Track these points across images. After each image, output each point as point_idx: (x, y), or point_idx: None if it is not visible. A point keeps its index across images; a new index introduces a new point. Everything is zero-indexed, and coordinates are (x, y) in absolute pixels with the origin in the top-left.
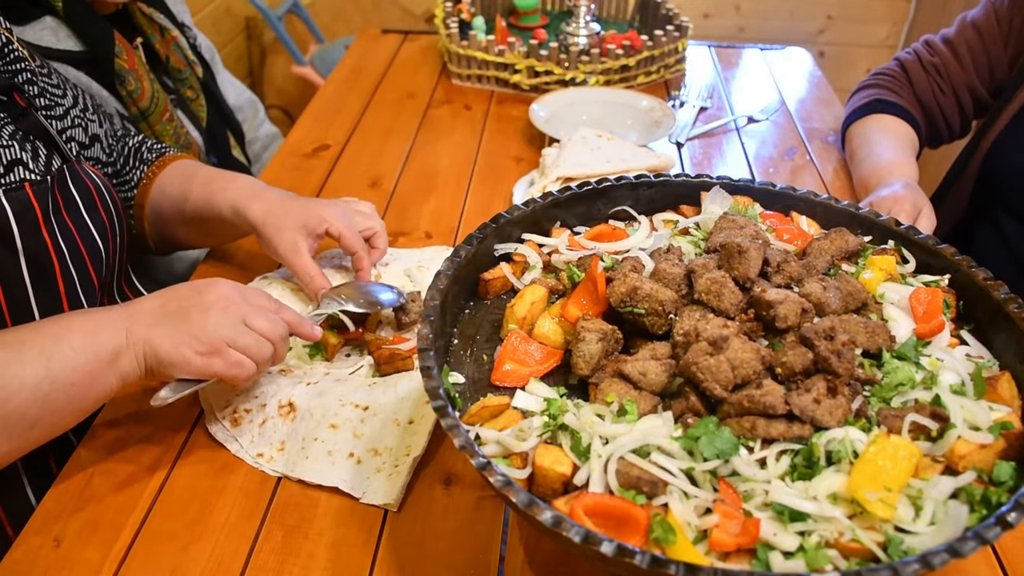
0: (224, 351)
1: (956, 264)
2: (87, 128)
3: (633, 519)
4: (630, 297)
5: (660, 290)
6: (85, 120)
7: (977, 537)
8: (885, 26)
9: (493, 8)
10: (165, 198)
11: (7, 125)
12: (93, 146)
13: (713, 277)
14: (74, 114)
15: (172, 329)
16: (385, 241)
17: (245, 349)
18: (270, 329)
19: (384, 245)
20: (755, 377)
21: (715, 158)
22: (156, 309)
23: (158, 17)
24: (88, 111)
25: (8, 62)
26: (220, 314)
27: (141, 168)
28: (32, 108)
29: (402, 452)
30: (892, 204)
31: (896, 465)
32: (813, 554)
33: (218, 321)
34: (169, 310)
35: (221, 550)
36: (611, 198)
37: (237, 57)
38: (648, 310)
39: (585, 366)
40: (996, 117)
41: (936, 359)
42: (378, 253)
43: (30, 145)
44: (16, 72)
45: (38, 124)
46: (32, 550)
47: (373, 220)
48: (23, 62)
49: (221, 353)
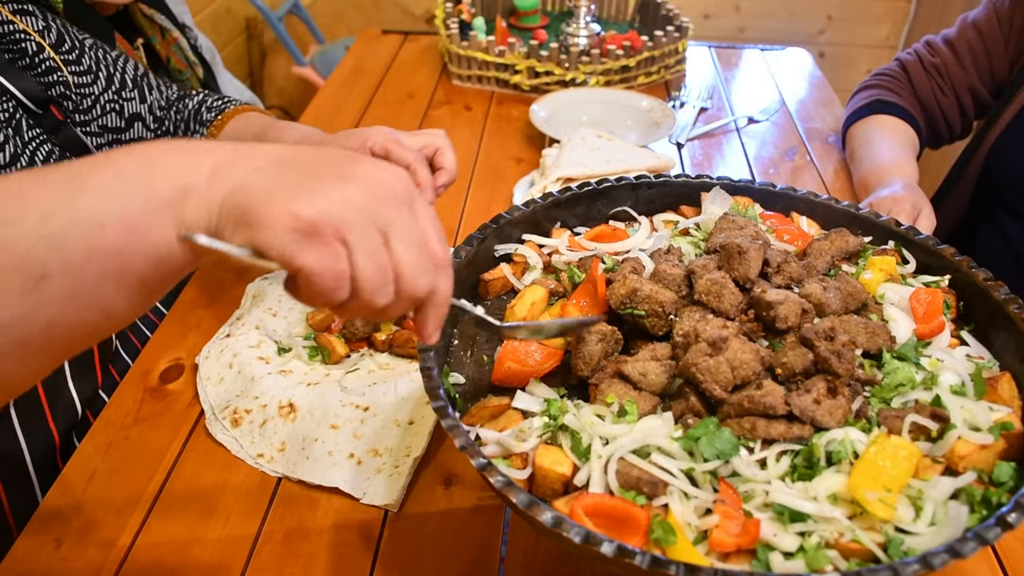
0: (331, 243)
1: (956, 264)
2: (123, 110)
3: (633, 520)
4: (630, 299)
5: (660, 291)
6: (121, 101)
7: (977, 538)
8: (885, 26)
9: (493, 9)
10: None
11: (42, 145)
12: (132, 127)
13: (713, 278)
14: (105, 99)
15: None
16: (453, 161)
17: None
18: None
19: (452, 165)
20: (755, 378)
21: (715, 159)
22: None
23: (159, 18)
24: (127, 88)
25: (40, 73)
26: (362, 193)
27: (200, 131)
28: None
29: (402, 453)
30: (892, 204)
31: (896, 465)
32: (813, 554)
33: (352, 200)
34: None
35: (222, 550)
36: (611, 199)
37: (238, 58)
38: (648, 311)
39: (585, 367)
40: (997, 117)
41: (936, 359)
42: (445, 174)
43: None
44: (50, 84)
45: (76, 139)
46: (32, 550)
47: (434, 137)
48: (56, 72)
49: (325, 240)
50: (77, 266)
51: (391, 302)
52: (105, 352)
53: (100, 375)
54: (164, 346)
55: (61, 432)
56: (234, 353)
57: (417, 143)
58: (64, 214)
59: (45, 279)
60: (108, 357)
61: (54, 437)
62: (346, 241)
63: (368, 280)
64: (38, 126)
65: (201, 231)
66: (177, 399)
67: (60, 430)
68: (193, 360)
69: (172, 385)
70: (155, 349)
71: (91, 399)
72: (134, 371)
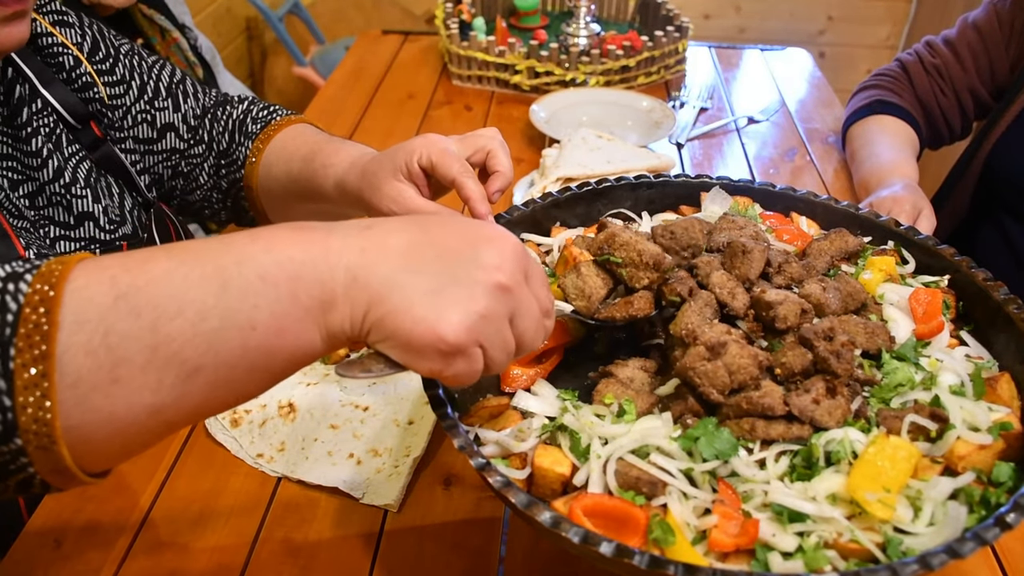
0: (471, 352)
1: (956, 265)
2: (155, 120)
3: (632, 520)
4: (608, 244)
5: (640, 240)
6: (153, 111)
7: (976, 538)
8: (886, 27)
9: (493, 9)
10: (272, 180)
11: (82, 162)
12: (164, 137)
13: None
14: (137, 110)
15: (421, 292)
16: (507, 163)
17: (491, 359)
18: (531, 341)
19: (506, 168)
20: (752, 382)
21: (715, 159)
22: (405, 250)
23: (159, 19)
24: (159, 96)
25: (78, 88)
26: (491, 298)
27: (246, 144)
28: (108, 139)
29: (402, 453)
30: (892, 205)
31: (895, 466)
32: (812, 555)
33: (486, 312)
34: (424, 256)
35: (221, 550)
36: (611, 199)
37: (238, 58)
38: (625, 260)
39: (585, 301)
40: (997, 119)
41: (936, 360)
42: (500, 178)
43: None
44: (89, 100)
45: (114, 158)
46: (32, 550)
47: (486, 139)
48: (93, 88)
49: (467, 354)
50: (229, 364)
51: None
52: None
53: None
54: None
55: None
56: None
57: (467, 149)
58: (216, 316)
59: (198, 372)
60: None
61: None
62: (483, 346)
63: (499, 362)
64: (77, 142)
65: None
66: None
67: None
68: None
69: None
70: None
71: None
72: None
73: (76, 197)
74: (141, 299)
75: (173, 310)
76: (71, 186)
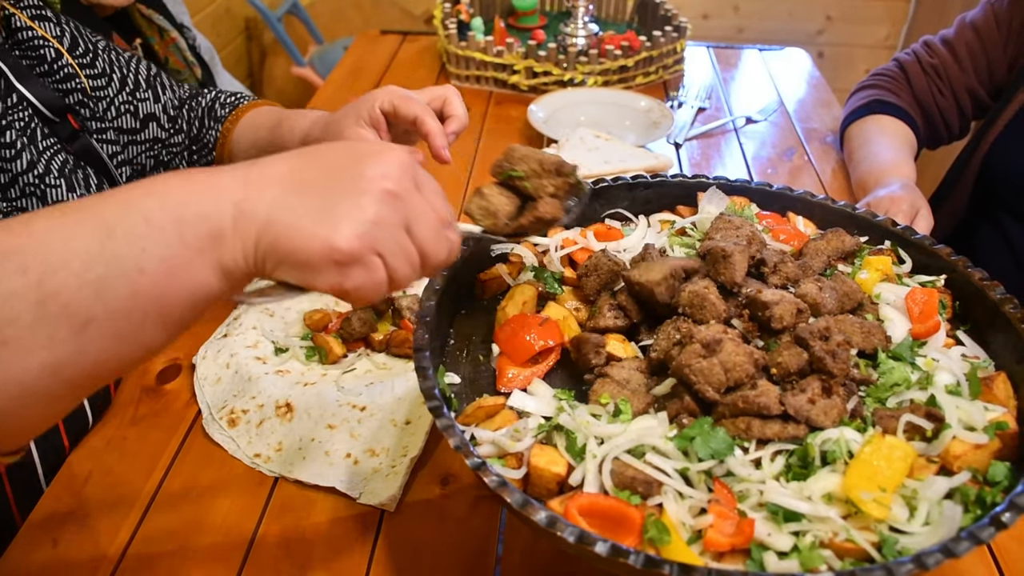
0: (368, 260)
1: (952, 264)
2: (137, 111)
3: (628, 519)
4: (507, 160)
5: (539, 151)
6: (135, 102)
7: (971, 537)
8: (884, 27)
9: (492, 9)
10: (242, 155)
11: (57, 154)
12: (147, 127)
13: (695, 290)
14: (120, 101)
15: (303, 206)
16: (462, 109)
17: (393, 268)
18: (434, 249)
19: (461, 113)
20: (748, 380)
21: (713, 159)
22: (288, 175)
23: (157, 19)
24: (140, 88)
25: (59, 80)
26: (381, 204)
27: (216, 128)
28: (85, 131)
29: (399, 452)
30: (890, 204)
31: (891, 465)
32: (807, 554)
33: (376, 218)
34: (308, 178)
35: (218, 550)
36: (608, 199)
37: (237, 58)
38: (528, 172)
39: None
40: (995, 119)
41: (932, 359)
42: (456, 121)
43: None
44: (68, 91)
45: (91, 149)
46: (29, 550)
47: (442, 89)
48: (74, 79)
49: (365, 261)
50: (121, 311)
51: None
52: None
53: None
54: None
55: (71, 439)
56: (231, 353)
57: (425, 96)
58: (102, 263)
59: (91, 323)
60: None
61: (64, 445)
62: (380, 253)
63: (403, 274)
64: (54, 135)
65: (240, 271)
66: (174, 399)
67: (71, 437)
68: (190, 360)
69: (169, 385)
70: None
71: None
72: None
73: (49, 187)
74: (27, 256)
75: (57, 262)
76: (44, 176)
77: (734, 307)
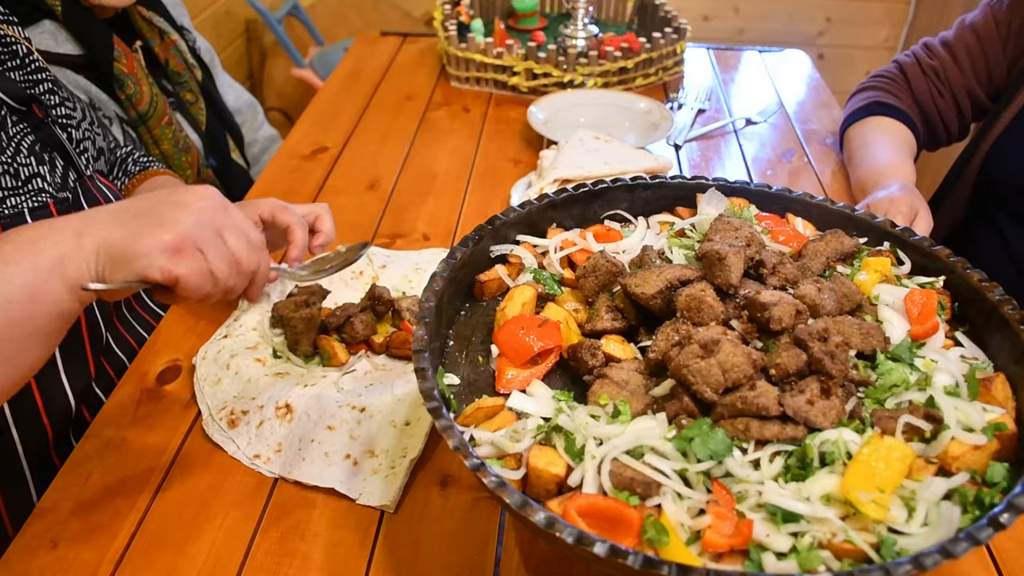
0: (192, 253)
1: (951, 266)
2: (95, 141)
3: (626, 520)
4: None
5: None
6: (93, 133)
7: (969, 538)
8: (884, 28)
9: (492, 10)
10: None
11: (26, 137)
12: (100, 159)
13: (692, 293)
14: (84, 126)
15: (134, 223)
16: (330, 225)
17: (212, 262)
18: (246, 257)
19: (329, 228)
20: (746, 381)
21: (713, 160)
22: (119, 210)
23: (157, 20)
24: (95, 124)
25: (29, 72)
26: (197, 214)
27: (123, 180)
28: (49, 120)
29: (399, 454)
30: (889, 206)
31: (889, 466)
32: (806, 555)
33: (195, 221)
34: (136, 209)
35: (218, 551)
36: (607, 200)
37: (237, 60)
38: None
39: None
40: (995, 120)
41: (930, 360)
42: (322, 236)
43: (47, 156)
44: (36, 82)
45: (54, 136)
46: (29, 551)
47: (317, 207)
48: (44, 72)
49: (189, 252)
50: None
51: (237, 283)
52: (96, 344)
53: (93, 368)
54: (161, 347)
55: (55, 425)
56: (231, 354)
57: (301, 211)
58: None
59: None
60: (99, 350)
61: (47, 431)
62: (201, 249)
63: (223, 271)
64: (23, 121)
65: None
66: (174, 400)
67: (53, 423)
68: (190, 361)
69: (169, 386)
70: (152, 350)
71: (84, 392)
72: (131, 372)
73: (22, 165)
74: None
75: None
76: (16, 156)
77: (732, 309)
